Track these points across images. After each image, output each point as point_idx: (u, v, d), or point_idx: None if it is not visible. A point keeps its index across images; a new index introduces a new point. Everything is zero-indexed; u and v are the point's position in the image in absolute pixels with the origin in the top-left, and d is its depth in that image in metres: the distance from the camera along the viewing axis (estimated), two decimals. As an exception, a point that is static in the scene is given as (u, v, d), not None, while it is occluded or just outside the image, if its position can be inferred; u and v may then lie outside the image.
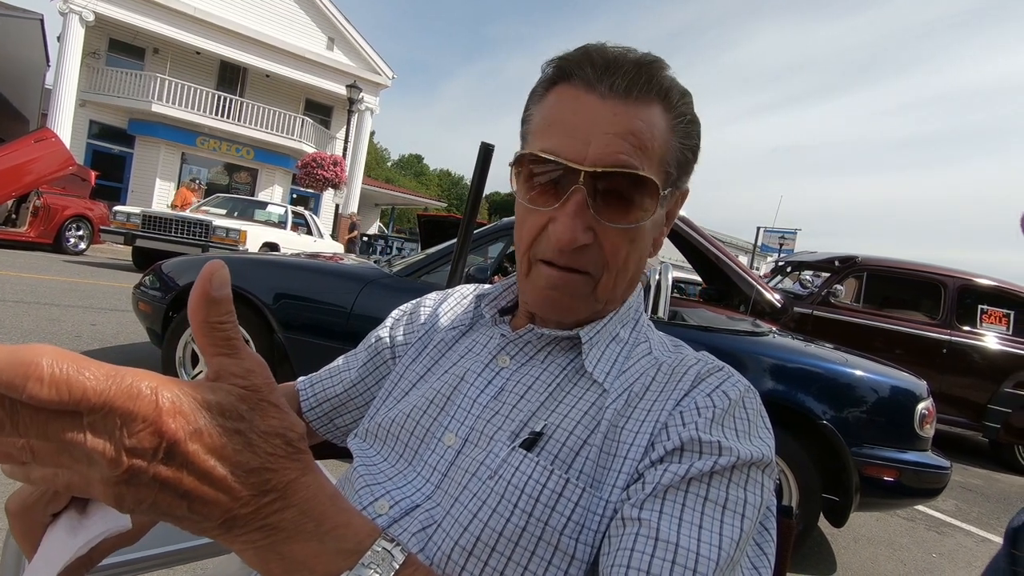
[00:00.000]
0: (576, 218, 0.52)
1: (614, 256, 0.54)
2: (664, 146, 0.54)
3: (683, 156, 0.56)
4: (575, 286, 0.55)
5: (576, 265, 0.54)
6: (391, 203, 26.78)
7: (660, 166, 0.54)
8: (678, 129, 0.55)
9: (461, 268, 1.64)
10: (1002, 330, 5.21)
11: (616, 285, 0.57)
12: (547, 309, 0.58)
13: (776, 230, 21.59)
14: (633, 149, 0.52)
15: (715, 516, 0.44)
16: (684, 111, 0.56)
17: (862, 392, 2.41)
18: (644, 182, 0.52)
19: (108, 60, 15.51)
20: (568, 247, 0.52)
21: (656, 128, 0.53)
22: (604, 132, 0.52)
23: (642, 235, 0.56)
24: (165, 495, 0.28)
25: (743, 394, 0.52)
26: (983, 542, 3.21)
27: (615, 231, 0.53)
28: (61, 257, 8.22)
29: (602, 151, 0.51)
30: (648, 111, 0.53)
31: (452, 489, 0.52)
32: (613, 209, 0.53)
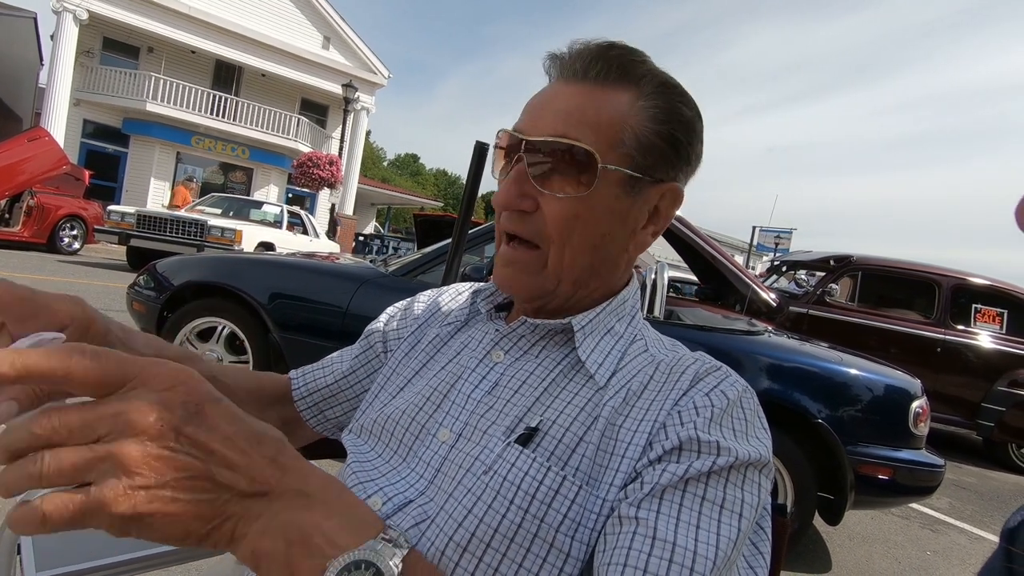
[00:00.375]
0: (514, 183, 0.55)
1: (556, 226, 0.55)
2: (619, 125, 0.54)
3: (652, 142, 0.55)
4: (526, 261, 0.57)
5: (520, 232, 0.56)
6: (387, 203, 26.74)
7: (614, 144, 0.54)
8: (645, 113, 0.55)
9: (457, 267, 1.64)
10: (996, 329, 5.25)
11: (566, 260, 0.56)
12: (503, 284, 0.60)
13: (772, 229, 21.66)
14: (577, 123, 0.53)
15: (712, 516, 0.44)
16: (658, 100, 0.56)
17: (857, 391, 2.42)
18: (582, 153, 0.53)
19: (102, 59, 15.43)
20: (503, 207, 0.56)
21: (612, 108, 0.54)
22: (556, 109, 0.55)
23: (589, 211, 0.55)
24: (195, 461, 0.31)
25: (741, 394, 0.52)
26: (977, 540, 3.23)
27: (555, 200, 0.55)
28: (55, 257, 8.18)
29: (547, 124, 0.54)
30: (609, 93, 0.55)
31: (446, 484, 0.52)
32: (553, 178, 0.55)
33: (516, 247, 0.57)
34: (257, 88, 17.55)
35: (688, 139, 0.58)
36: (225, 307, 2.80)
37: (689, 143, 0.58)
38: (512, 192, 0.55)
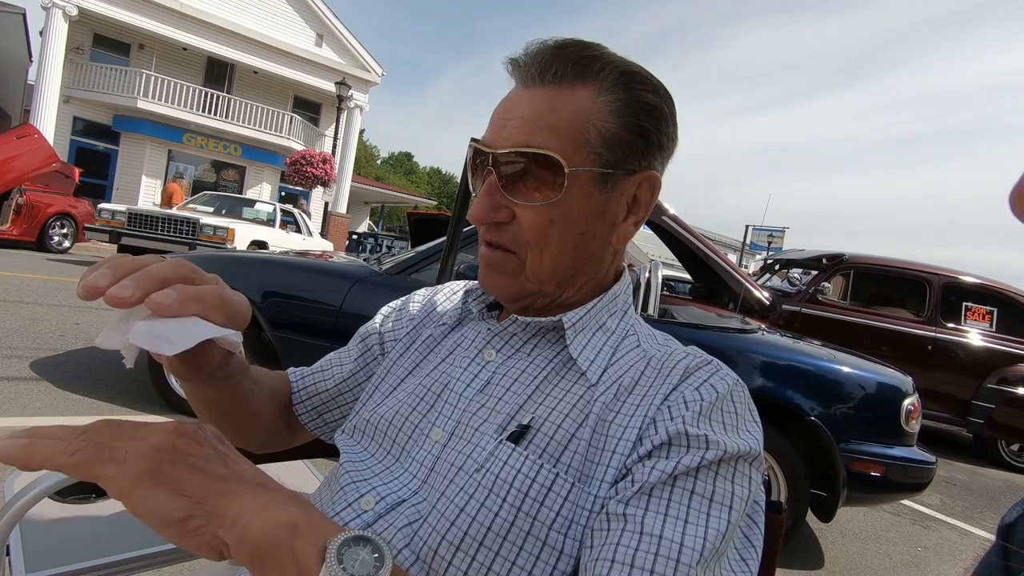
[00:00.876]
0: (487, 196, 0.56)
1: (532, 233, 0.55)
2: (581, 125, 0.54)
3: (618, 135, 0.55)
4: (503, 264, 0.58)
5: (498, 241, 0.57)
6: (381, 201, 26.66)
7: (577, 145, 0.54)
8: (607, 107, 0.54)
9: (451, 266, 1.64)
10: (986, 327, 5.30)
11: (546, 264, 0.56)
12: (487, 286, 0.60)
13: (765, 228, 21.76)
14: (538, 130, 0.53)
15: (701, 509, 0.44)
16: (619, 92, 0.55)
17: (849, 388, 2.44)
18: (545, 160, 0.53)
19: (92, 56, 15.27)
20: (478, 223, 0.57)
21: (573, 108, 0.54)
22: (516, 117, 0.55)
23: (565, 214, 0.55)
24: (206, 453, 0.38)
25: (731, 388, 0.52)
26: (967, 535, 3.26)
27: (528, 209, 0.55)
28: (45, 255, 8.10)
29: (509, 134, 0.54)
30: (567, 94, 0.54)
31: (438, 484, 0.52)
32: (523, 188, 0.55)
33: (495, 250, 0.58)
34: (249, 85, 17.44)
35: (656, 125, 0.57)
36: (217, 306, 2.78)
37: (658, 129, 0.57)
38: (486, 206, 0.56)
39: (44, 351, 3.49)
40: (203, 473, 0.36)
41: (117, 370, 3.38)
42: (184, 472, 0.35)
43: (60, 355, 3.48)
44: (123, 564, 0.73)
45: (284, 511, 0.35)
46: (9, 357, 3.28)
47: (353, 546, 0.35)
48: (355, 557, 0.35)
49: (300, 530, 0.35)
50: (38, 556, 0.69)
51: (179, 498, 0.34)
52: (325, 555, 0.34)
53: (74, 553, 0.71)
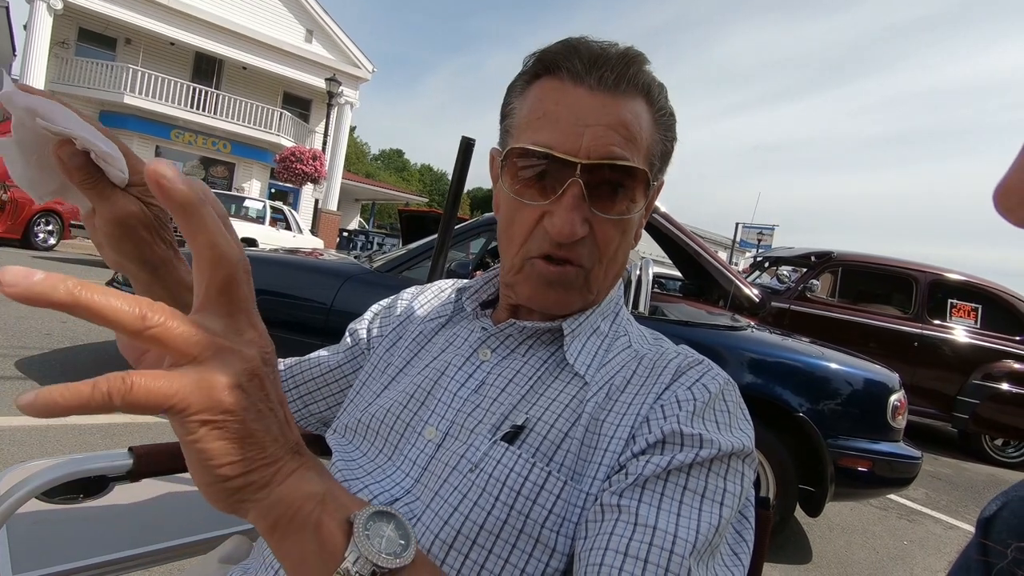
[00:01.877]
0: (574, 211, 0.52)
1: (606, 247, 0.55)
2: (650, 138, 0.55)
3: (665, 148, 0.58)
4: (570, 279, 0.55)
5: (572, 258, 0.54)
6: (372, 198, 26.54)
7: (647, 158, 0.55)
8: (660, 122, 0.56)
9: (442, 264, 1.64)
10: (971, 324, 5.37)
11: (607, 275, 0.58)
12: (545, 304, 0.57)
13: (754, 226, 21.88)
14: (624, 141, 0.52)
15: (694, 504, 0.45)
16: (664, 104, 0.57)
17: (837, 385, 2.46)
18: (636, 173, 0.53)
19: (78, 50, 15.07)
20: (568, 240, 0.52)
21: (642, 120, 0.54)
22: (596, 124, 0.52)
23: (631, 226, 0.57)
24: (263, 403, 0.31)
25: (723, 387, 0.52)
26: (952, 529, 3.31)
27: (608, 222, 0.54)
28: (30, 253, 7.99)
29: (594, 143, 0.51)
30: (633, 104, 0.54)
31: (432, 483, 0.52)
32: (606, 200, 0.53)
33: (560, 267, 0.54)
34: (238, 81, 17.27)
35: (675, 137, 0.59)
36: (206, 304, 2.76)
37: (674, 141, 0.59)
38: (577, 222, 0.51)
39: (30, 350, 3.45)
40: (265, 431, 0.32)
41: (103, 368, 3.31)
42: (254, 424, 0.31)
43: (46, 353, 3.44)
44: (111, 565, 0.73)
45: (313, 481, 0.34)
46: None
47: (378, 520, 0.34)
48: (380, 533, 0.34)
49: (327, 501, 0.33)
50: (25, 557, 0.68)
51: (235, 453, 0.30)
52: (352, 528, 0.33)
53: (61, 554, 0.70)
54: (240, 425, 0.30)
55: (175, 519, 0.82)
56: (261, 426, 0.31)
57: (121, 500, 0.79)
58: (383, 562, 0.32)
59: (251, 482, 0.31)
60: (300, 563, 0.33)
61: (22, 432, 2.39)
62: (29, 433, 2.40)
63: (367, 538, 0.33)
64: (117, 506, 0.78)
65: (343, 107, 17.47)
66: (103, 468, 0.70)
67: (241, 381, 0.30)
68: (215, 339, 0.29)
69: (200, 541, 0.81)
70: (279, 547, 0.33)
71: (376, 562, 0.32)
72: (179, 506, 0.84)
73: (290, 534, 0.33)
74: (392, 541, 0.34)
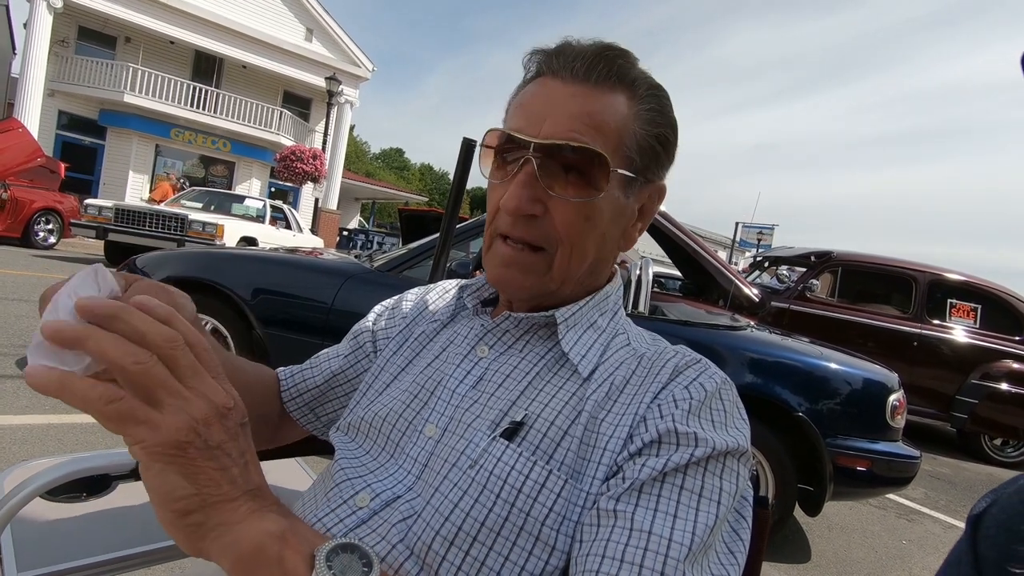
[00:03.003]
0: (524, 187, 0.54)
1: (566, 230, 0.55)
2: (622, 129, 0.55)
3: (648, 144, 0.57)
4: (529, 262, 0.56)
5: (528, 237, 0.55)
6: (372, 197, 26.52)
7: (617, 148, 0.55)
8: (642, 116, 0.56)
9: (443, 263, 1.64)
10: (970, 324, 5.37)
11: (572, 263, 0.57)
12: (502, 284, 0.59)
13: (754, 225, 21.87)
14: (586, 127, 0.53)
15: (691, 504, 0.45)
16: (652, 103, 0.57)
17: (836, 384, 2.47)
18: (594, 157, 0.53)
19: (78, 48, 15.04)
20: (514, 213, 0.54)
21: (614, 111, 0.55)
22: (560, 111, 0.54)
23: (597, 213, 0.56)
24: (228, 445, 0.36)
25: (719, 386, 0.53)
26: (950, 528, 3.32)
27: (566, 204, 0.54)
28: (30, 251, 7.99)
29: (555, 127, 0.53)
30: (609, 96, 0.55)
31: (433, 479, 0.53)
32: (563, 182, 0.54)
33: (519, 248, 0.56)
34: (238, 80, 17.26)
35: (674, 139, 0.59)
36: (207, 303, 2.76)
37: (675, 143, 0.60)
38: (524, 196, 0.54)
39: (30, 348, 3.45)
40: (221, 471, 0.35)
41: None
42: (204, 461, 0.34)
43: (46, 353, 3.44)
44: (114, 563, 0.73)
45: (274, 519, 0.36)
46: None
47: (341, 553, 0.36)
48: (343, 562, 0.35)
49: (288, 538, 0.35)
50: (29, 555, 0.68)
51: (189, 487, 0.34)
52: (314, 562, 0.35)
53: (65, 552, 0.71)
54: (190, 461, 0.34)
55: (177, 518, 0.82)
56: (214, 464, 0.35)
57: (124, 499, 0.79)
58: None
59: (208, 518, 0.35)
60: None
61: (24, 431, 2.40)
62: (32, 432, 2.40)
63: (328, 568, 0.34)
64: (120, 505, 0.79)
65: (343, 106, 17.46)
66: (106, 467, 0.70)
67: (194, 425, 0.34)
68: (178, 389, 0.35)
69: (202, 539, 0.81)
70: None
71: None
72: (181, 505, 0.84)
73: (253, 571, 0.35)
74: (355, 567, 0.35)
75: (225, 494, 0.35)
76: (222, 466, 0.35)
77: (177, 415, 0.34)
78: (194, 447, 0.34)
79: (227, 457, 0.36)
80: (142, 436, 0.33)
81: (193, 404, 0.35)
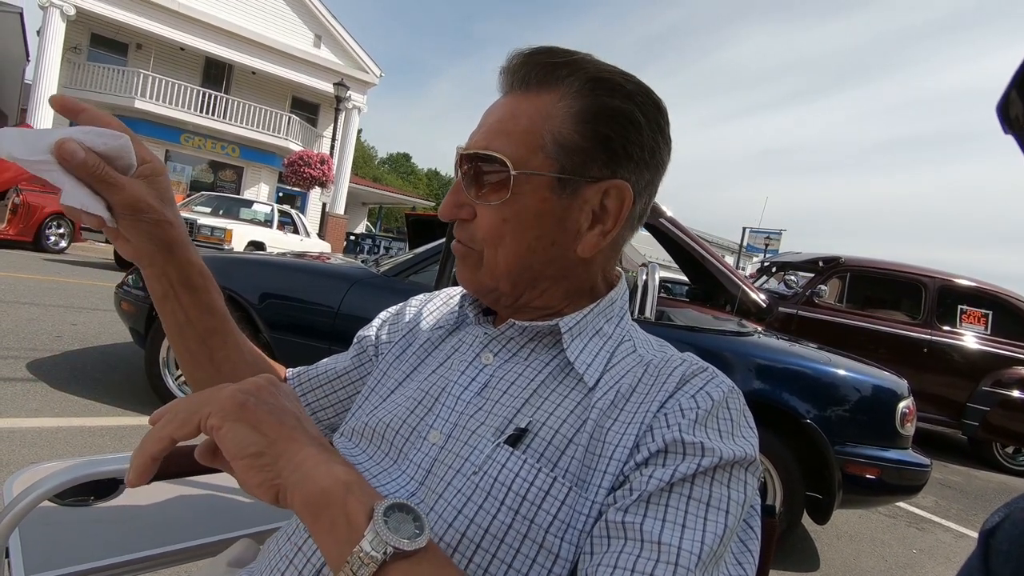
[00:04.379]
0: (452, 195, 0.59)
1: (486, 231, 0.57)
2: (536, 131, 0.54)
3: (573, 141, 0.54)
4: (465, 258, 0.61)
5: (462, 238, 0.60)
6: (379, 202, 26.63)
7: (531, 150, 0.54)
8: (567, 113, 0.54)
9: (449, 268, 1.65)
10: (980, 330, 5.32)
11: (500, 261, 0.57)
12: (461, 280, 0.63)
13: (761, 230, 21.81)
14: (495, 134, 0.56)
15: (699, 514, 0.45)
16: (586, 99, 0.55)
17: (845, 391, 2.45)
18: (492, 160, 0.55)
19: (90, 55, 15.23)
20: (445, 218, 0.60)
21: (530, 114, 0.55)
22: (486, 122, 0.58)
23: (517, 215, 0.55)
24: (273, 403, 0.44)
25: (727, 395, 0.52)
26: (962, 538, 3.28)
27: (486, 208, 0.57)
28: (41, 255, 8.07)
29: (477, 139, 0.58)
30: (531, 99, 0.56)
31: (436, 486, 0.52)
32: (481, 188, 0.57)
33: (460, 245, 0.61)
34: (247, 86, 17.41)
35: (622, 133, 0.55)
36: (215, 307, 2.78)
37: (624, 136, 0.55)
38: (449, 203, 0.59)
39: (40, 352, 3.49)
40: (278, 419, 0.42)
41: (114, 371, 3.37)
42: (263, 413, 0.41)
43: (56, 356, 3.47)
44: (121, 566, 0.74)
45: (342, 470, 0.40)
46: (5, 358, 3.27)
47: (397, 511, 0.39)
48: (399, 519, 0.39)
49: (353, 489, 0.39)
50: (37, 559, 0.69)
51: (256, 434, 0.40)
52: (373, 514, 0.38)
53: (73, 556, 0.71)
54: (252, 414, 0.41)
55: (184, 522, 0.83)
56: (273, 418, 0.41)
57: (132, 502, 0.80)
58: (396, 543, 0.37)
59: (278, 458, 0.40)
60: (328, 537, 0.38)
61: (33, 434, 2.42)
62: (41, 435, 2.42)
63: (384, 522, 0.37)
64: (128, 508, 0.79)
65: (351, 111, 17.58)
66: (114, 470, 0.71)
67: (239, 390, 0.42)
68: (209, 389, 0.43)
69: (209, 544, 0.82)
70: (313, 524, 0.39)
71: (390, 543, 0.37)
72: (188, 509, 0.85)
73: (321, 511, 0.38)
74: (407, 529, 0.38)
75: (288, 436, 0.41)
76: (279, 418, 0.42)
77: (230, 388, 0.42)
78: (251, 403, 0.41)
79: (282, 411, 0.43)
80: (207, 412, 0.41)
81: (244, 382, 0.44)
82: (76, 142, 0.48)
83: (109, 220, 0.52)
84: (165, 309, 0.63)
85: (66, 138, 0.47)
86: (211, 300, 0.65)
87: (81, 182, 0.49)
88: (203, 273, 0.64)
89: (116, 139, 0.51)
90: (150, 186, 0.55)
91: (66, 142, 0.47)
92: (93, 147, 0.49)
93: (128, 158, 0.52)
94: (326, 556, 0.39)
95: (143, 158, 0.54)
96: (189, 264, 0.61)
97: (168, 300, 0.62)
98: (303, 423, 0.43)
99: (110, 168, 0.51)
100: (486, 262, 0.58)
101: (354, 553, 0.37)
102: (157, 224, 0.56)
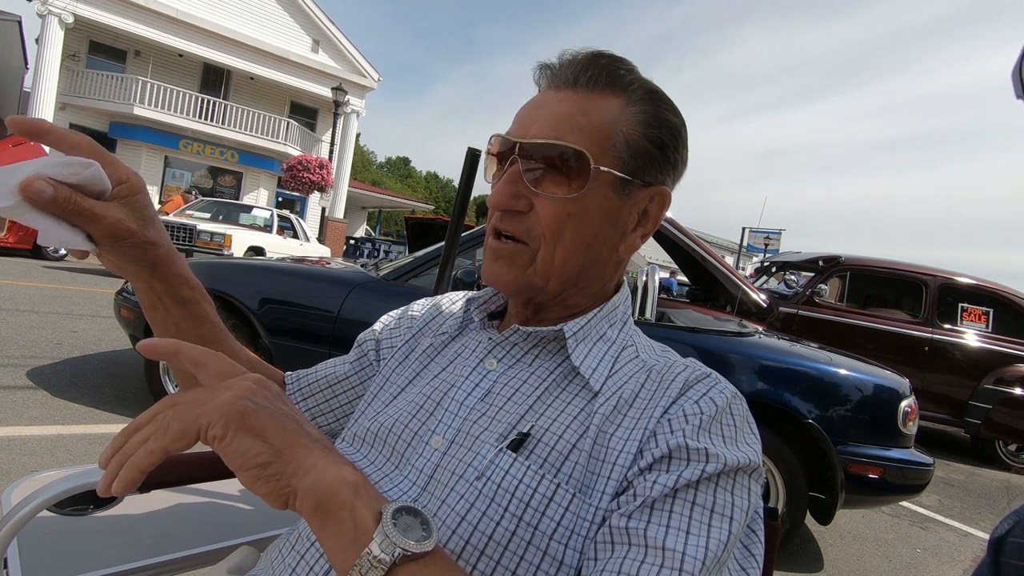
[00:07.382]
0: (508, 184, 0.56)
1: (548, 225, 0.56)
2: (609, 129, 0.55)
3: (640, 145, 0.56)
4: (512, 255, 0.58)
5: (513, 231, 0.57)
6: (378, 206, 26.65)
7: (604, 147, 0.55)
8: (634, 118, 0.56)
9: (449, 272, 1.64)
10: (982, 328, 5.31)
11: (557, 259, 0.57)
12: (491, 278, 0.60)
13: (761, 230, 21.81)
14: (569, 128, 0.55)
15: (703, 520, 0.45)
16: (646, 106, 0.57)
17: (847, 391, 2.44)
18: (574, 154, 0.54)
19: (88, 62, 15.26)
20: (498, 208, 0.57)
21: (602, 113, 0.56)
22: (547, 115, 0.56)
23: (582, 211, 0.56)
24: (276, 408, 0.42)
25: (730, 401, 0.52)
26: (965, 536, 3.27)
27: (549, 201, 0.56)
28: (41, 263, 8.08)
29: (540, 129, 0.56)
30: (599, 99, 0.56)
31: (439, 491, 0.52)
32: (546, 180, 0.56)
33: (505, 241, 0.58)
34: (246, 91, 17.44)
35: (675, 143, 0.59)
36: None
37: (675, 147, 0.59)
38: (507, 193, 0.56)
39: (40, 359, 3.48)
40: (280, 424, 0.41)
41: (114, 378, 3.36)
42: (265, 419, 0.40)
43: (56, 363, 3.47)
44: (133, 572, 0.73)
45: (349, 472, 0.40)
46: (5, 366, 3.27)
47: (405, 514, 0.39)
48: (407, 522, 0.39)
49: (361, 492, 0.39)
50: (36, 568, 0.68)
51: (261, 444, 0.39)
52: (381, 517, 0.38)
53: (72, 565, 0.71)
54: (253, 421, 0.39)
55: (184, 530, 0.82)
56: (274, 422, 0.40)
57: (131, 511, 0.80)
58: (405, 545, 0.37)
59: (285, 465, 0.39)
60: (336, 540, 0.38)
61: (34, 442, 2.41)
62: (41, 443, 2.41)
63: (393, 525, 0.38)
64: (127, 517, 0.79)
65: (349, 116, 17.60)
66: (113, 479, 0.70)
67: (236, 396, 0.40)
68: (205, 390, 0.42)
69: (209, 552, 0.81)
70: (321, 528, 0.39)
71: (399, 545, 0.37)
72: (188, 517, 0.85)
73: (330, 514, 0.38)
74: (415, 532, 0.39)
75: (294, 442, 0.40)
76: (281, 423, 0.41)
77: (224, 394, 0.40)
78: (250, 409, 0.40)
79: (282, 415, 0.41)
80: (205, 421, 0.39)
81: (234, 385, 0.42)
82: (43, 178, 0.45)
83: (92, 249, 0.51)
84: (155, 319, 0.63)
85: (32, 177, 0.44)
86: (201, 311, 0.64)
87: (56, 217, 0.47)
88: (191, 285, 0.63)
89: (85, 167, 0.48)
90: (128, 207, 0.53)
91: (33, 181, 0.44)
92: (63, 179, 0.46)
93: (101, 183, 0.50)
94: (333, 559, 0.38)
95: (119, 178, 0.52)
96: (176, 278, 0.61)
97: (157, 311, 0.62)
98: (302, 425, 0.43)
99: (83, 198, 0.48)
100: (541, 259, 0.57)
101: (363, 556, 0.37)
102: (139, 247, 0.55)
